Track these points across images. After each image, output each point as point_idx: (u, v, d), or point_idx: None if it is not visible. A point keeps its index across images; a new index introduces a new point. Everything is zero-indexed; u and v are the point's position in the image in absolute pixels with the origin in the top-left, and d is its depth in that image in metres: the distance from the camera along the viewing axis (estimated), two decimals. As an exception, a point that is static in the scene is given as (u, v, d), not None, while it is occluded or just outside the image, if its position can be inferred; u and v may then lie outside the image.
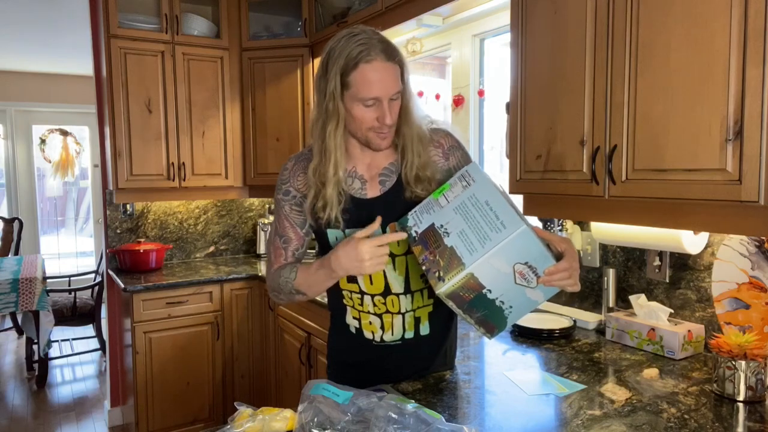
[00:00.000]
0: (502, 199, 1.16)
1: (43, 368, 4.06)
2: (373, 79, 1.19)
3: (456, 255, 1.13)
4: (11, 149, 6.32)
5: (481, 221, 1.14)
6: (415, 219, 1.23)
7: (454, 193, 1.22)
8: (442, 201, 1.22)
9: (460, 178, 1.24)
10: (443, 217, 1.19)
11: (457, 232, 1.15)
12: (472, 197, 1.19)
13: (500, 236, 1.10)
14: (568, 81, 1.52)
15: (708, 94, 1.19)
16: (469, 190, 1.20)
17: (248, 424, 1.03)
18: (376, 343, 1.39)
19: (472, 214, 1.16)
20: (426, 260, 1.17)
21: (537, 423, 1.19)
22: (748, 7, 1.11)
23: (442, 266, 1.14)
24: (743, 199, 1.15)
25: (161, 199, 3.26)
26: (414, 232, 1.22)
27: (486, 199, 1.17)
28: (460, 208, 1.19)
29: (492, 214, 1.14)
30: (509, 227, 1.10)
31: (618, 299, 1.89)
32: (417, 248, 1.20)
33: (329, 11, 2.98)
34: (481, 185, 1.20)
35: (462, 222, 1.16)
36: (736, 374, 1.28)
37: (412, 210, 1.25)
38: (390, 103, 1.23)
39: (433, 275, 1.15)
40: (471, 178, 1.22)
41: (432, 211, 1.22)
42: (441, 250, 1.15)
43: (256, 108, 3.29)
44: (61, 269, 6.45)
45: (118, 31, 2.95)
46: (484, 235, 1.12)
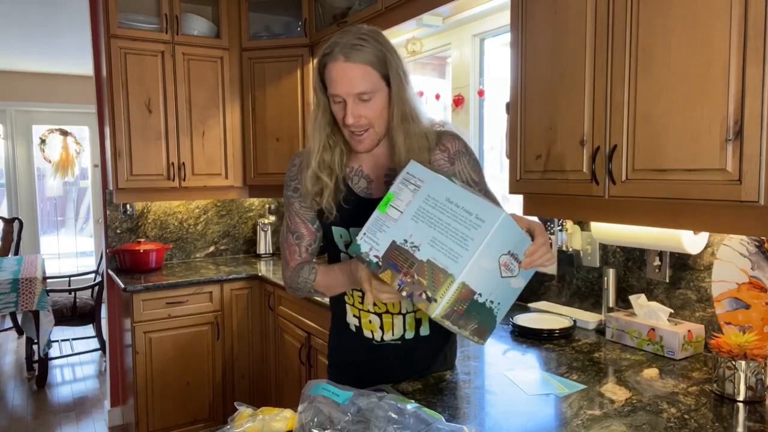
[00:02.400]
0: (463, 191, 1.05)
1: (43, 368, 4.06)
2: (334, 77, 1.22)
3: (438, 268, 1.00)
4: (11, 149, 6.32)
5: (451, 222, 1.02)
6: (368, 242, 1.09)
7: (404, 200, 1.08)
8: (393, 213, 1.08)
9: (403, 183, 1.11)
10: (403, 231, 1.06)
11: (428, 242, 1.02)
12: (428, 199, 1.06)
13: (481, 232, 0.99)
14: (568, 81, 1.52)
15: (708, 94, 1.19)
16: (421, 192, 1.07)
17: (248, 424, 1.03)
18: (376, 342, 1.39)
19: (437, 217, 1.04)
20: (403, 284, 1.02)
21: (537, 423, 1.19)
22: (748, 7, 1.11)
23: (427, 285, 1.00)
24: (743, 199, 1.15)
25: (161, 199, 3.26)
26: (374, 258, 1.07)
27: (446, 196, 1.05)
28: (419, 214, 1.05)
29: (461, 210, 1.02)
30: (488, 219, 0.99)
31: (618, 299, 1.89)
32: (386, 275, 1.05)
33: (329, 11, 2.98)
34: (432, 183, 1.08)
35: (428, 229, 1.03)
36: (736, 374, 1.28)
37: (359, 233, 1.12)
38: (356, 103, 1.23)
39: (419, 298, 1.01)
40: (417, 179, 1.10)
41: (385, 227, 1.08)
42: (417, 268, 1.01)
43: (256, 108, 3.29)
44: (61, 269, 6.45)
45: (118, 31, 2.95)
46: (462, 236, 1.00)
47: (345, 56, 1.21)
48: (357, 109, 1.23)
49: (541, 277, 2.21)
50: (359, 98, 1.22)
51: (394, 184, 1.12)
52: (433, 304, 0.99)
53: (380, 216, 1.10)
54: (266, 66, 3.24)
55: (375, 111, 1.25)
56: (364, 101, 1.23)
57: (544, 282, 2.20)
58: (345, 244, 1.37)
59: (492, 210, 1.00)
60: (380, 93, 1.25)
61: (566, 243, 2.06)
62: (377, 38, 1.24)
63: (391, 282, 1.04)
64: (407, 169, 1.12)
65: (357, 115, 1.23)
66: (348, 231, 1.36)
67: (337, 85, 1.22)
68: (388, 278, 1.05)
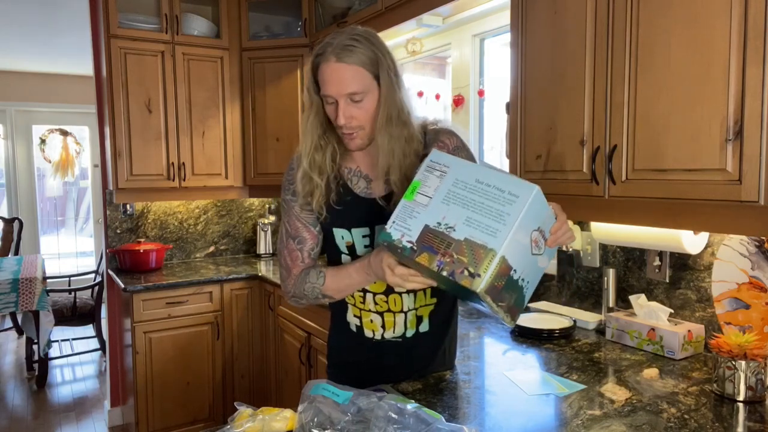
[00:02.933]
0: (491, 171, 1.08)
1: (43, 368, 4.06)
2: (326, 78, 1.23)
3: (477, 244, 1.02)
4: (11, 149, 6.32)
5: (484, 201, 1.04)
6: (399, 230, 1.10)
7: (431, 186, 1.11)
8: (421, 199, 1.11)
9: (428, 170, 1.13)
10: (435, 215, 1.08)
11: (463, 221, 1.05)
12: (457, 182, 1.09)
13: (516, 207, 1.01)
14: (568, 81, 1.52)
15: (708, 94, 1.19)
16: (449, 177, 1.10)
17: (248, 424, 1.03)
18: (375, 340, 1.39)
19: (469, 198, 1.06)
20: (442, 264, 1.04)
21: (537, 423, 1.19)
22: (748, 7, 1.11)
23: (468, 261, 1.01)
24: (743, 199, 1.15)
25: (161, 199, 3.26)
26: (407, 243, 1.08)
27: (475, 177, 1.08)
28: (450, 197, 1.08)
29: (492, 189, 1.05)
30: (521, 194, 1.02)
31: (618, 299, 1.89)
32: (423, 257, 1.06)
33: (329, 11, 2.98)
34: (459, 167, 1.11)
35: (462, 210, 1.06)
36: (736, 374, 1.28)
37: (388, 223, 1.12)
38: (347, 104, 1.23)
39: (461, 275, 1.01)
40: (442, 165, 1.13)
41: (415, 214, 1.10)
42: (456, 247, 1.03)
43: (256, 108, 3.29)
44: (61, 269, 6.45)
45: (118, 31, 2.95)
46: (498, 213, 1.02)
47: (337, 57, 1.21)
48: (348, 109, 1.24)
49: (541, 277, 2.21)
50: (351, 99, 1.23)
51: (418, 173, 1.14)
52: (477, 279, 1.00)
53: (408, 204, 1.12)
54: (266, 66, 3.24)
55: (367, 112, 1.25)
56: (355, 102, 1.23)
57: (544, 282, 2.20)
58: (347, 246, 1.37)
59: (524, 185, 1.03)
60: (372, 94, 1.25)
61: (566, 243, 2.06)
62: (370, 39, 1.25)
63: (429, 264, 1.05)
64: (431, 157, 1.15)
65: (348, 116, 1.24)
66: (350, 232, 1.35)
67: (329, 85, 1.23)
68: (425, 261, 1.05)
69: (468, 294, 1.08)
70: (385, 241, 1.11)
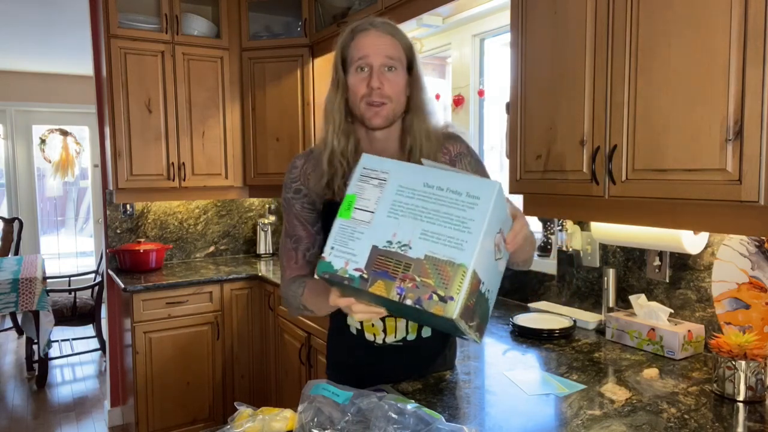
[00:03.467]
0: (440, 172, 0.95)
1: (43, 368, 4.06)
2: (363, 43, 1.24)
3: (442, 261, 0.87)
4: (11, 149, 6.32)
5: (440, 208, 0.91)
6: (342, 256, 0.94)
7: (370, 198, 0.96)
8: (361, 216, 0.95)
9: (363, 180, 0.98)
10: (382, 232, 0.92)
11: (418, 236, 0.90)
12: (402, 190, 0.95)
13: (480, 210, 0.89)
14: (568, 81, 1.52)
15: (708, 93, 1.19)
16: (390, 184, 0.96)
17: (248, 424, 1.03)
18: (377, 344, 1.38)
19: (420, 207, 0.92)
20: (403, 292, 0.88)
21: (537, 423, 1.19)
22: (748, 7, 1.11)
23: (435, 284, 0.87)
24: (743, 199, 1.15)
25: (161, 199, 3.26)
26: (354, 272, 0.92)
27: (422, 181, 0.94)
28: (397, 209, 0.93)
29: (446, 193, 0.92)
30: (482, 195, 0.89)
31: (618, 299, 1.89)
32: (378, 286, 0.89)
33: (329, 11, 2.98)
34: (399, 172, 0.97)
35: (415, 223, 0.91)
36: (736, 374, 1.28)
37: (325, 249, 0.96)
38: (382, 71, 1.23)
39: (430, 302, 0.86)
40: (378, 172, 0.98)
41: (358, 234, 0.94)
42: (417, 268, 0.88)
43: (256, 108, 3.29)
44: (61, 269, 6.45)
45: (118, 31, 2.95)
46: (460, 220, 0.89)
47: (377, 28, 1.25)
48: (382, 76, 1.23)
49: (541, 277, 2.21)
50: (385, 66, 1.23)
51: (350, 185, 0.98)
52: (450, 303, 0.85)
53: (345, 223, 0.95)
54: (266, 66, 3.24)
55: (397, 85, 1.25)
56: (389, 71, 1.24)
57: (544, 282, 2.20)
58: None
59: (483, 183, 0.91)
60: (403, 72, 1.27)
61: (566, 243, 2.06)
62: (403, 32, 1.30)
63: (387, 293, 0.89)
64: (362, 163, 1.00)
65: (381, 82, 1.23)
66: None
67: (367, 48, 1.23)
68: (381, 290, 0.89)
69: (436, 321, 0.95)
70: (326, 272, 0.94)
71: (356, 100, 1.26)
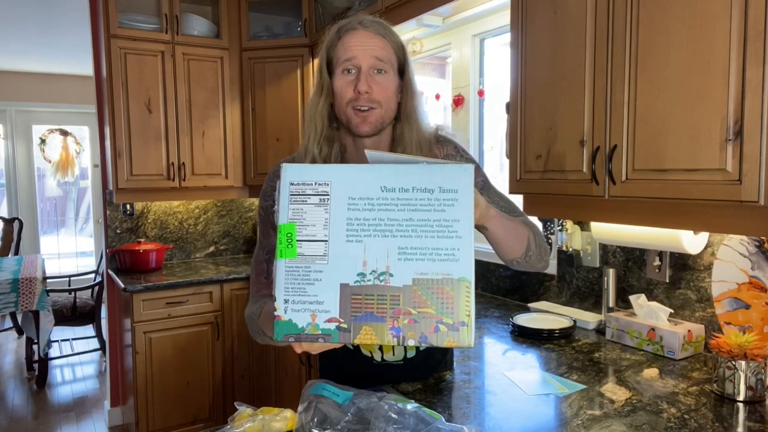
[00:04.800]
0: (396, 168, 0.78)
1: (43, 368, 4.06)
2: (351, 44, 1.15)
3: (435, 281, 0.74)
4: (11, 149, 6.32)
5: (412, 215, 0.75)
6: (300, 310, 0.76)
7: (315, 223, 0.77)
8: (311, 249, 0.76)
9: (296, 201, 0.78)
10: (347, 264, 0.75)
11: (396, 257, 0.74)
12: (353, 203, 0.77)
13: (462, 206, 0.75)
14: (568, 81, 1.52)
15: (708, 93, 1.19)
16: (336, 199, 0.77)
17: (248, 424, 1.03)
18: (376, 362, 1.33)
19: (386, 219, 0.76)
20: (400, 333, 0.74)
21: (537, 423, 1.19)
22: (748, 7, 1.11)
23: (437, 311, 0.73)
24: (743, 199, 1.15)
25: (161, 199, 3.26)
26: (328, 327, 0.75)
27: (378, 184, 0.77)
28: (356, 229, 0.76)
29: (414, 193, 0.76)
30: (459, 185, 0.75)
31: (618, 299, 1.89)
32: (367, 334, 0.75)
33: (329, 11, 2.98)
34: (343, 177, 0.78)
35: (385, 242, 0.75)
36: (736, 374, 1.28)
37: (276, 306, 0.77)
38: (371, 74, 1.14)
39: (439, 335, 0.73)
40: (314, 184, 0.78)
41: (313, 276, 0.76)
42: (407, 298, 0.74)
43: (256, 108, 3.29)
44: (61, 269, 6.45)
45: (118, 31, 2.95)
46: (441, 224, 0.75)
47: (366, 28, 1.16)
48: (371, 78, 1.14)
49: (541, 277, 2.21)
50: (375, 68, 1.14)
51: (280, 211, 0.78)
52: (464, 330, 0.73)
53: (292, 264, 0.76)
54: (266, 66, 3.24)
55: (387, 89, 1.16)
56: (378, 74, 1.15)
57: (544, 282, 2.20)
58: None
59: (454, 171, 0.76)
60: (393, 76, 1.17)
61: (566, 243, 2.06)
62: (395, 32, 1.21)
63: (381, 339, 0.74)
64: (285, 177, 0.79)
65: (369, 85, 1.13)
66: None
67: (354, 48, 1.13)
68: (370, 338, 0.75)
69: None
70: (290, 335, 0.77)
71: (342, 105, 1.16)
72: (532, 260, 1.21)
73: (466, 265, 0.74)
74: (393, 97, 1.19)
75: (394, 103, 1.20)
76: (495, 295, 2.42)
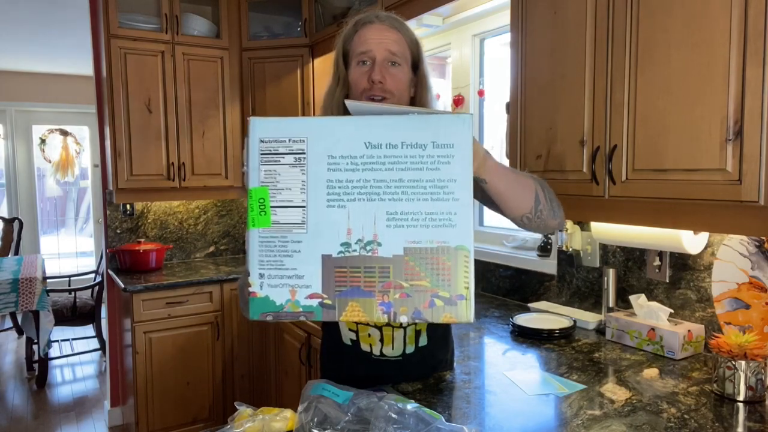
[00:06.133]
0: (381, 120, 0.69)
1: (43, 368, 4.06)
2: (367, 36, 1.19)
3: (431, 250, 0.65)
4: (11, 149, 6.32)
5: (402, 174, 0.66)
6: (278, 286, 0.68)
7: (290, 186, 0.68)
8: (287, 216, 0.67)
9: (267, 161, 0.69)
10: (329, 233, 0.66)
11: (384, 224, 0.65)
12: (334, 162, 0.68)
13: (459, 162, 0.65)
14: (568, 81, 1.52)
15: (708, 93, 1.19)
16: (314, 157, 0.68)
17: (248, 424, 1.03)
18: (375, 357, 1.33)
19: (372, 180, 0.66)
20: (391, 308, 0.67)
21: (537, 423, 1.19)
22: (748, 7, 1.11)
23: (432, 283, 0.65)
24: (743, 199, 1.15)
25: (161, 199, 3.26)
26: (309, 303, 0.68)
27: (363, 140, 0.68)
28: (337, 193, 0.67)
29: (405, 149, 0.66)
30: (456, 138, 0.66)
31: (618, 299, 1.89)
32: (353, 311, 0.68)
33: (329, 11, 2.98)
34: (321, 133, 0.70)
35: (371, 206, 0.66)
36: (736, 374, 1.28)
37: (251, 281, 0.70)
38: (385, 66, 1.18)
39: (435, 310, 0.66)
40: (288, 141, 0.70)
41: (291, 246, 0.66)
42: (398, 270, 0.66)
43: (256, 108, 3.28)
44: (61, 269, 6.45)
45: (118, 31, 2.95)
46: (435, 184, 0.65)
47: (382, 22, 1.20)
48: (385, 69, 1.18)
49: (541, 277, 2.21)
50: (389, 60, 1.18)
51: (250, 173, 0.69)
52: (462, 303, 0.66)
53: (266, 234, 0.67)
54: (266, 66, 3.24)
55: (401, 81, 1.20)
56: (393, 65, 1.19)
57: (544, 282, 2.20)
58: None
59: (450, 121, 0.66)
60: (407, 69, 1.22)
61: (566, 243, 2.06)
62: (409, 27, 1.26)
63: (370, 316, 0.68)
64: (255, 132, 0.71)
65: (383, 75, 1.17)
66: None
67: (370, 41, 1.18)
68: (358, 315, 0.68)
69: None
70: (267, 313, 0.70)
71: (357, 95, 1.21)
72: (545, 216, 1.13)
73: (464, 232, 0.65)
74: (406, 89, 1.23)
75: (406, 96, 1.24)
76: (495, 295, 2.42)
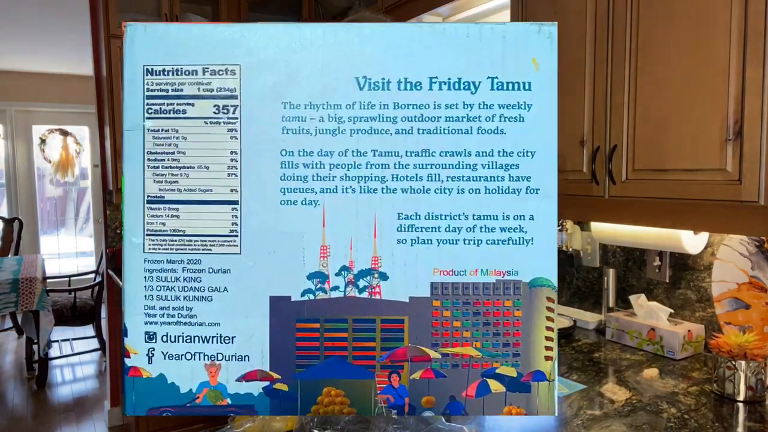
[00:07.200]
0: (391, 30, 0.46)
1: (43, 368, 4.06)
2: None
3: (485, 288, 0.44)
4: (11, 149, 6.32)
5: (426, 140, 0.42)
6: (182, 359, 0.44)
7: (204, 159, 0.43)
8: (195, 222, 0.44)
9: (157, 112, 0.43)
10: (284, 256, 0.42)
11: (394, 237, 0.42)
12: (294, 116, 0.43)
13: (538, 120, 0.44)
14: (567, 81, 1.52)
15: (708, 93, 1.19)
16: (258, 106, 0.43)
17: (248, 424, 1.03)
18: None
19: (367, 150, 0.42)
20: (404, 398, 0.45)
21: (537, 423, 1.19)
22: (748, 7, 1.11)
23: (485, 350, 0.44)
24: (743, 199, 1.15)
25: (161, 199, 3.25)
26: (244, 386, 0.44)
27: (354, 73, 0.42)
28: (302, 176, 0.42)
29: (426, 94, 0.42)
30: (526, 64, 0.45)
31: (618, 299, 1.89)
32: (331, 398, 0.44)
33: (329, 11, 2.98)
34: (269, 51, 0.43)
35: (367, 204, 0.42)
36: (736, 374, 1.28)
37: (137, 349, 0.45)
38: None
39: (492, 401, 0.46)
40: (210, 70, 0.43)
41: (206, 282, 0.43)
42: (422, 326, 0.43)
43: (256, 108, 3.29)
44: (61, 269, 6.45)
45: (118, 31, 2.95)
46: (497, 160, 0.42)
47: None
48: None
49: (541, 277, 2.21)
50: None
51: (125, 139, 0.44)
52: (539, 386, 0.46)
53: (156, 258, 0.43)
54: (266, 66, 3.24)
55: None
56: None
57: (544, 282, 2.20)
58: None
59: (524, 35, 0.45)
60: None
61: (566, 243, 2.06)
62: None
63: (367, 410, 0.44)
64: (134, 58, 0.43)
65: None
66: None
67: None
68: (341, 407, 0.43)
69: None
70: (165, 407, 0.47)
71: None
72: None
73: (544, 253, 0.43)
74: None
75: None
76: (495, 295, 2.42)
